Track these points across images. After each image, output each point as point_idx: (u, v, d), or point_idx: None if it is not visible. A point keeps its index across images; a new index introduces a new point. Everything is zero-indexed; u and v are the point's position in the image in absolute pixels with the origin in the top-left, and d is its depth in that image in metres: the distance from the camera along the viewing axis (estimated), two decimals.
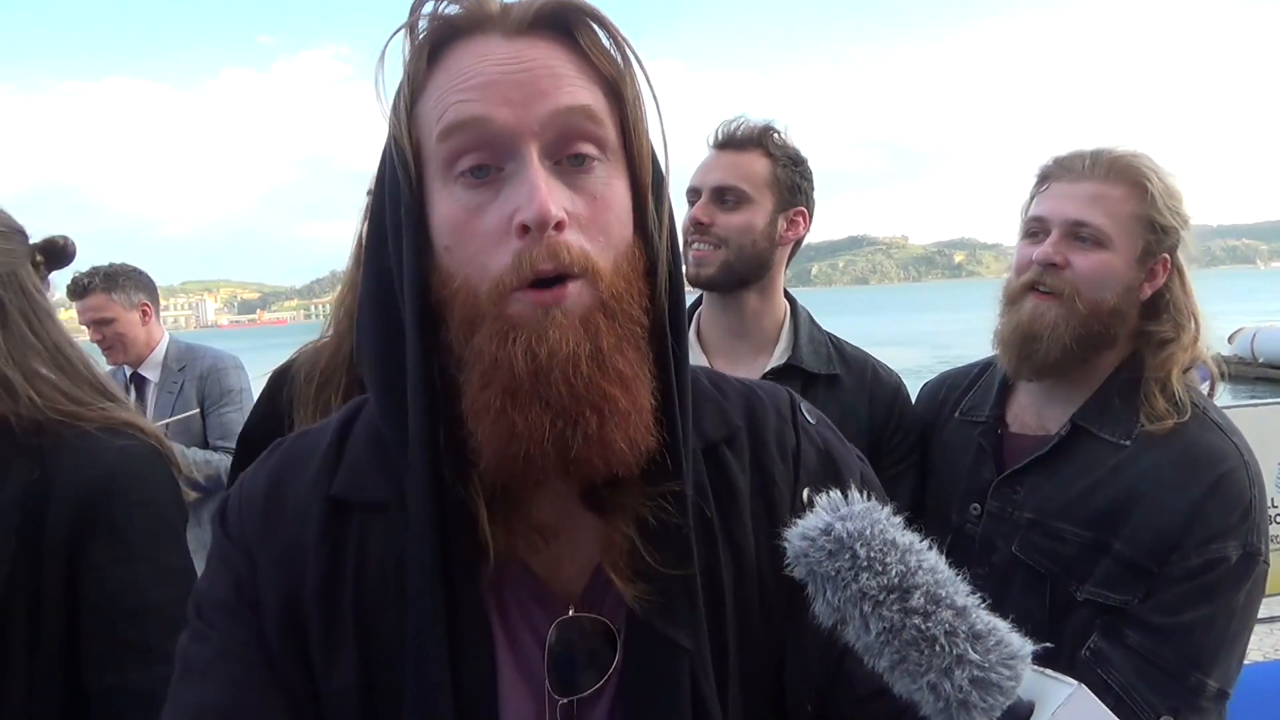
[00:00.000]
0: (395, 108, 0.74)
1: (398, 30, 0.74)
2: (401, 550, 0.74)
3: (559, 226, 0.68)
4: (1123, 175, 1.48)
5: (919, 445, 1.74)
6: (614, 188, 0.73)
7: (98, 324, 3.27)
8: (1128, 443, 1.44)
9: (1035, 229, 1.53)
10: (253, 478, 0.83)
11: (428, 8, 0.74)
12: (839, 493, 0.63)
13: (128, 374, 3.41)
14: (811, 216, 1.84)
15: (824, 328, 1.87)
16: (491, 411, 0.68)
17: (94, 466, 1.26)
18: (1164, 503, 1.37)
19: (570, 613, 0.76)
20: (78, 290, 3.27)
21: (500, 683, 0.75)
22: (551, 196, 0.68)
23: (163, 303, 3.57)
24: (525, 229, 0.67)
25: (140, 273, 3.40)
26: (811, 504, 0.64)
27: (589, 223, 0.71)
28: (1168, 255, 1.48)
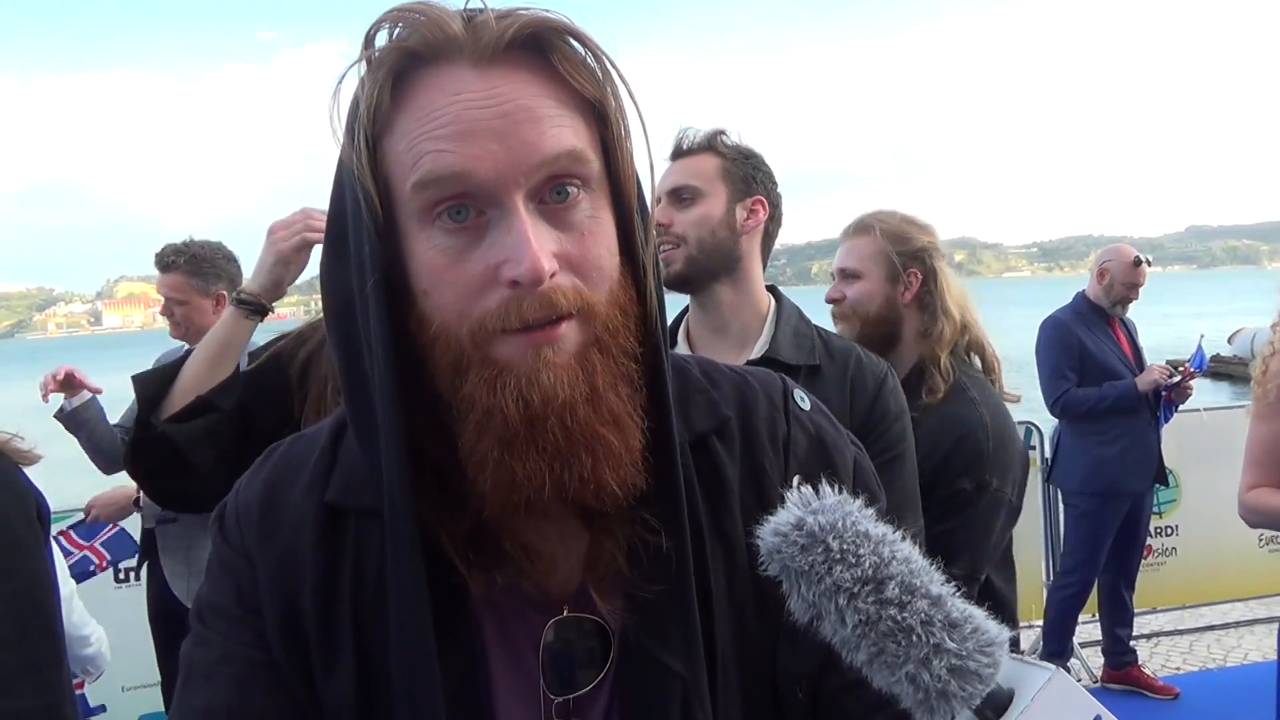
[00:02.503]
0: (355, 146, 0.68)
1: (354, 64, 0.69)
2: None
3: (551, 274, 0.66)
4: (862, 229, 2.21)
5: (904, 434, 1.76)
6: (600, 219, 0.71)
7: (170, 302, 3.30)
8: (918, 414, 1.91)
9: (836, 279, 2.25)
10: (248, 485, 0.83)
11: (381, 37, 0.69)
12: (810, 487, 0.62)
13: (184, 352, 3.40)
14: (774, 207, 1.87)
15: (813, 321, 1.89)
16: (490, 462, 0.68)
17: None
18: (929, 453, 1.89)
19: (565, 612, 0.76)
20: (162, 264, 3.33)
21: (494, 686, 0.75)
22: (542, 249, 0.65)
23: None
24: (516, 283, 0.65)
25: (228, 261, 3.39)
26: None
27: (579, 260, 0.69)
28: (916, 269, 2.13)
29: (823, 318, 1.96)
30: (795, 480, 0.81)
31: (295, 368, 1.71)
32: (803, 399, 0.88)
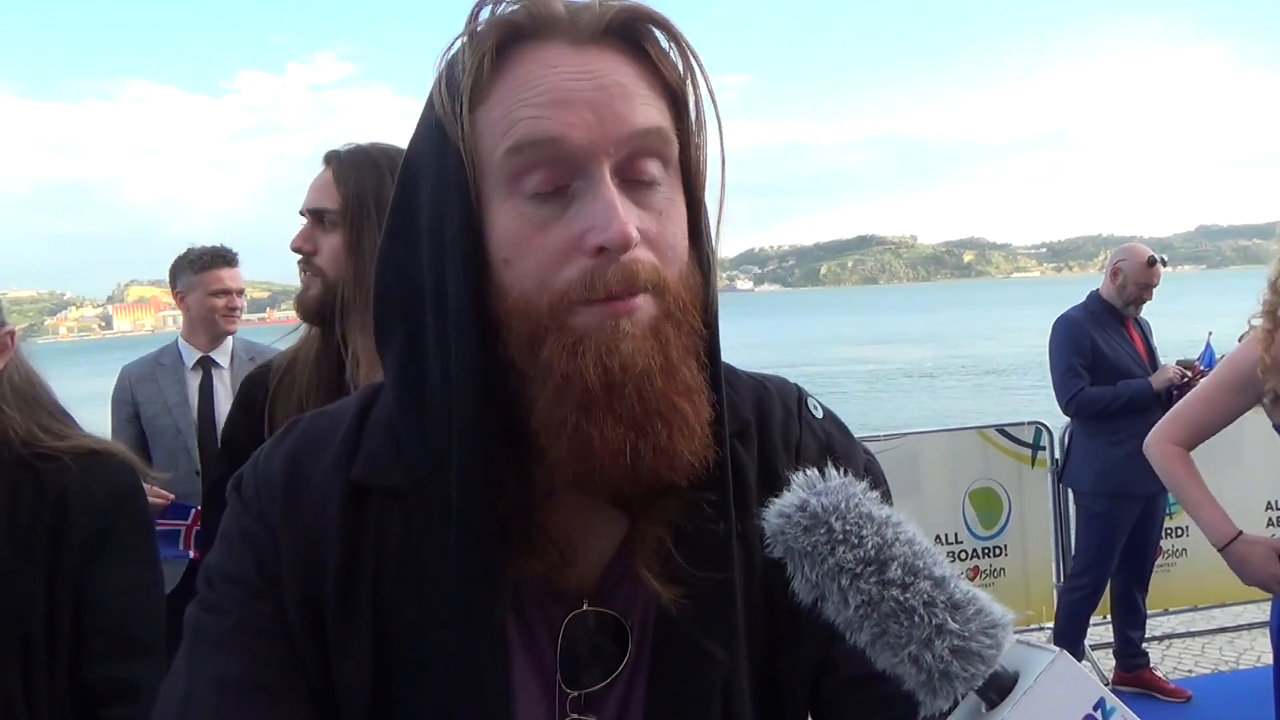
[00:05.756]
0: (457, 114, 0.71)
1: (459, 36, 0.72)
2: (421, 538, 0.75)
3: (634, 244, 0.68)
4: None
5: None
6: (676, 203, 0.74)
7: (240, 293, 3.58)
8: None
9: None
10: (270, 456, 0.83)
11: (485, 12, 0.72)
12: (815, 471, 0.63)
13: (190, 357, 3.53)
14: None
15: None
16: (567, 427, 0.69)
17: (104, 485, 1.45)
18: None
19: (584, 607, 0.77)
20: (223, 259, 3.55)
21: (514, 675, 0.76)
22: (629, 219, 0.68)
23: (174, 301, 3.72)
24: (600, 250, 0.67)
25: None
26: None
27: (656, 238, 0.71)
28: None
29: (829, 314, 1.92)
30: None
31: (266, 402, 1.81)
32: (816, 407, 0.90)
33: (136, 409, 3.49)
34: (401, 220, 0.78)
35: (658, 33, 0.73)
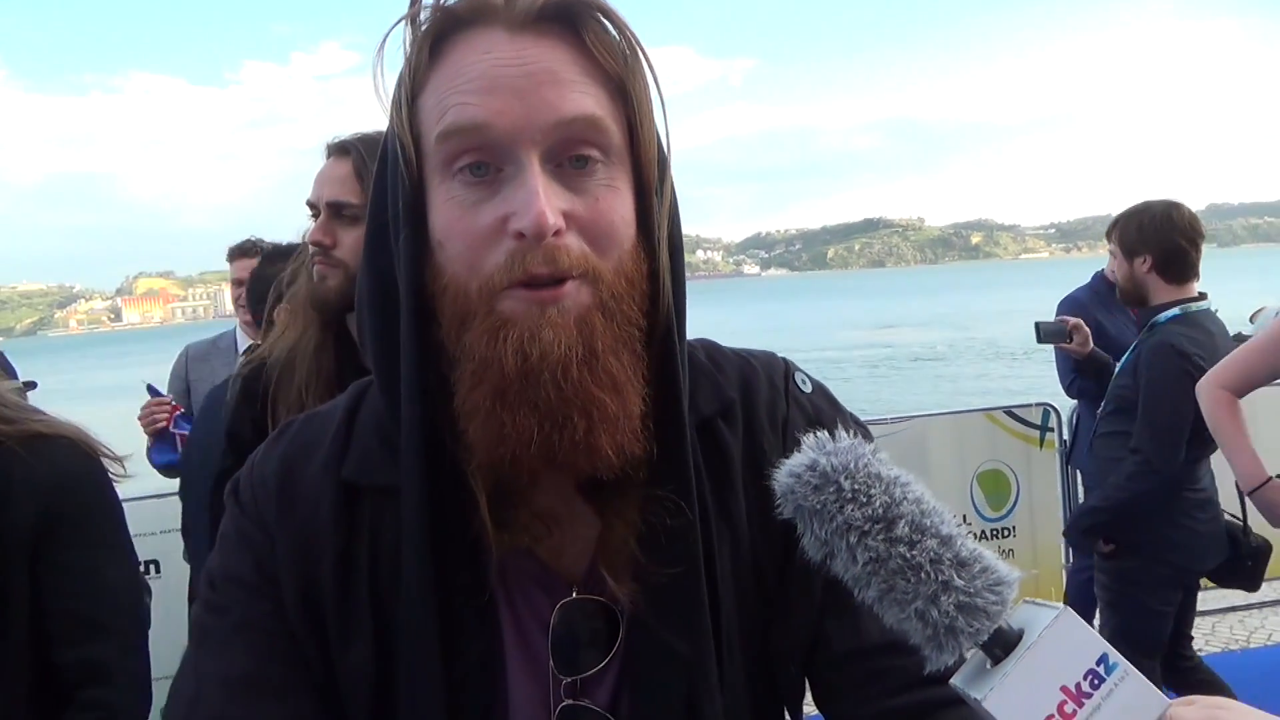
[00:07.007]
0: (396, 102, 0.73)
1: (399, 21, 0.73)
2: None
3: (557, 232, 0.68)
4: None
5: None
6: (617, 189, 0.72)
7: (241, 283, 3.51)
8: None
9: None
10: (264, 459, 0.84)
11: None
12: (825, 431, 0.63)
13: (242, 344, 3.55)
14: None
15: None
16: (481, 412, 0.69)
17: (50, 468, 1.43)
18: None
19: (573, 594, 0.78)
20: (243, 250, 3.51)
21: (507, 662, 0.77)
22: (549, 204, 0.67)
23: (182, 293, 3.73)
24: (521, 235, 0.68)
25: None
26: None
27: (589, 225, 0.71)
28: None
29: (836, 298, 1.91)
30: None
31: (269, 390, 1.80)
32: (804, 381, 0.89)
33: (188, 386, 3.56)
34: (377, 212, 0.78)
35: (597, 18, 0.72)
